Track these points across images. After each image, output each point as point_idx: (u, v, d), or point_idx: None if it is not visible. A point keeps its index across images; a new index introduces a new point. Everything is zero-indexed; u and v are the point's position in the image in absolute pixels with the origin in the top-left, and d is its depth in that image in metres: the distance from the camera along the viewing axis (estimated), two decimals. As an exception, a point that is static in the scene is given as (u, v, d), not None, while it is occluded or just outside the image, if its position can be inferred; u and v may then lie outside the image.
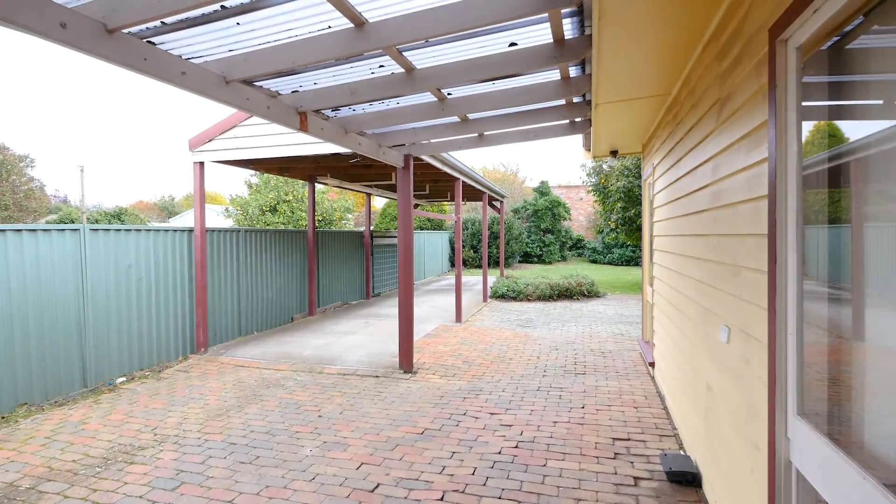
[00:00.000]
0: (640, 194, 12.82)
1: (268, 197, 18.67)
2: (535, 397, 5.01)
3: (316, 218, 19.04)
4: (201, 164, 7.01)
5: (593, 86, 3.77)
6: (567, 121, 5.39)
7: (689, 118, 3.55)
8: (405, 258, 5.99)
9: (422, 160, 7.21)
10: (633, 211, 13.13)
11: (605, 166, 7.52)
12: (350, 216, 26.58)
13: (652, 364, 5.51)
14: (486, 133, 5.63)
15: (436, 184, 10.80)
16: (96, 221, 18.53)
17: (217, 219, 25.30)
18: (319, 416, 4.59)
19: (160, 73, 2.57)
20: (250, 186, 19.61)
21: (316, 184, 10.29)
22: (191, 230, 7.07)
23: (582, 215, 31.31)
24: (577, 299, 12.29)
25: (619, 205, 13.31)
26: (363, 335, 8.10)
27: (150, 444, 4.04)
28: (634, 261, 24.83)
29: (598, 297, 12.75)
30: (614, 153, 7.08)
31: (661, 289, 5.02)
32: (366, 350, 7.07)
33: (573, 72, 3.85)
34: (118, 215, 19.80)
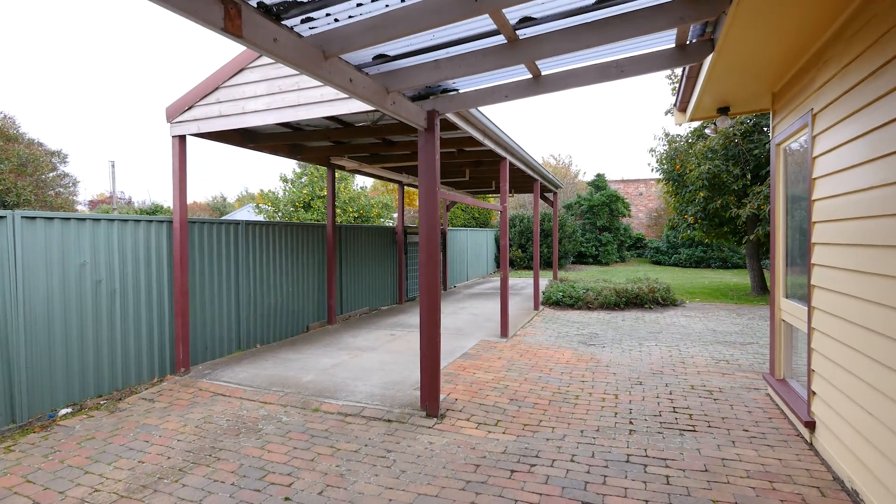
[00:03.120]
0: (729, 180, 10.48)
1: (301, 193, 17.60)
2: (626, 478, 3.16)
3: (351, 215, 17.81)
4: (181, 137, 5.63)
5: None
6: (672, 42, 3.50)
7: None
8: (429, 258, 4.31)
9: (455, 126, 5.49)
10: (719, 202, 10.80)
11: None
12: (395, 215, 25.25)
13: (809, 424, 3.50)
14: (544, 71, 3.83)
15: (477, 167, 9.06)
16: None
17: (249, 216, 24.65)
18: (286, 500, 2.97)
19: None
20: (285, 181, 18.64)
21: (337, 170, 8.82)
22: (170, 221, 5.71)
23: (642, 212, 28.55)
24: (650, 308, 10.15)
25: (700, 195, 11.00)
26: (384, 352, 6.48)
27: (9, 547, 2.57)
28: (706, 262, 21.96)
29: (675, 305, 10.54)
30: (724, 111, 5.06)
31: (844, 309, 3.02)
32: (383, 375, 5.44)
33: None
34: (153, 212, 19.45)
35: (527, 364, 5.93)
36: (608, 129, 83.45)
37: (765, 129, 10.40)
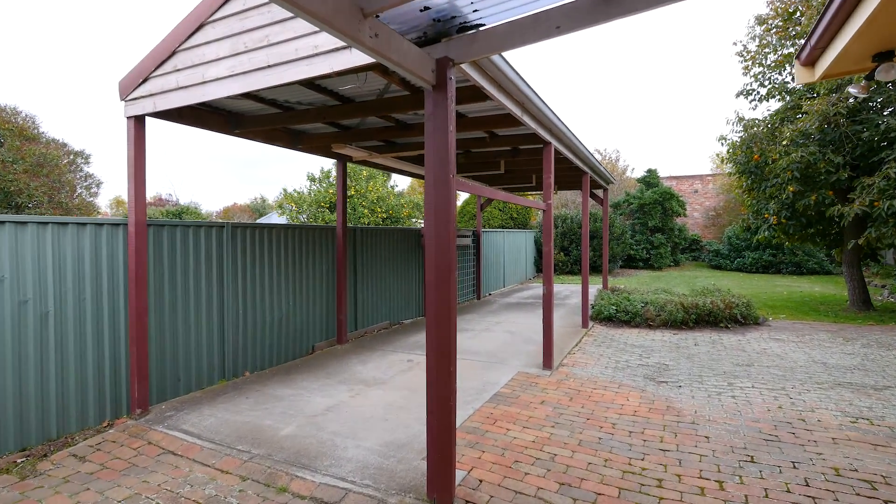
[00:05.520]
0: (827, 170, 8.51)
1: (327, 193, 16.61)
2: None
3: (380, 216, 16.67)
4: (138, 119, 4.48)
5: None
6: None
7: None
8: (439, 276, 2.92)
9: (483, 95, 4.08)
10: (813, 197, 8.82)
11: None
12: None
13: None
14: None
15: (514, 157, 7.56)
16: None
17: (274, 219, 24.01)
18: None
19: None
20: (312, 180, 17.72)
21: (348, 162, 7.57)
22: (125, 224, 4.58)
23: (698, 211, 26.05)
24: (727, 327, 8.33)
25: (789, 189, 9.05)
26: (394, 389, 5.13)
27: None
28: (775, 266, 19.44)
29: (757, 323, 8.66)
30: (886, 56, 3.39)
31: None
32: (385, 431, 4.09)
33: None
34: (179, 214, 18.99)
35: (579, 414, 4.43)
36: (659, 122, 78.67)
37: (879, 105, 8.37)
